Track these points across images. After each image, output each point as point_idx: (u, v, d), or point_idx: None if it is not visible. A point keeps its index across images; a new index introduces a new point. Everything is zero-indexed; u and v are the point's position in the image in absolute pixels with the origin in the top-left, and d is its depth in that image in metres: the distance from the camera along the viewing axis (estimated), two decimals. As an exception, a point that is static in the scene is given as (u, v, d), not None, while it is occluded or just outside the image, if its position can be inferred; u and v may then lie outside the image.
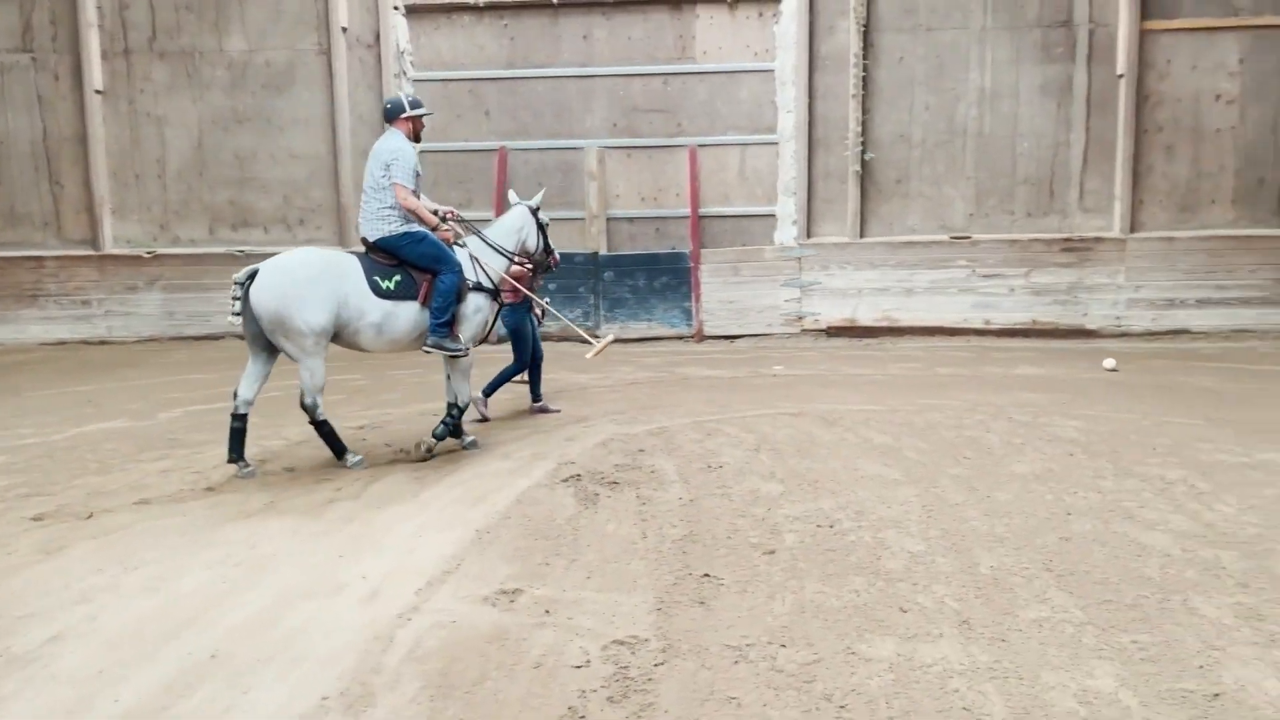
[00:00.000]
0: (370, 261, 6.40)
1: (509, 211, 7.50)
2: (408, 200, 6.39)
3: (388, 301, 6.29)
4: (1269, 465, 6.00)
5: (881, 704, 3.18)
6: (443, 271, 6.45)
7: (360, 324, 6.24)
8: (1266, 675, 3.32)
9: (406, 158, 6.41)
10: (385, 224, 6.41)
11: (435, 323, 6.42)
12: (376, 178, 6.41)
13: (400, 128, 6.58)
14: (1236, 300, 12.17)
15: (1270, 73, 12.23)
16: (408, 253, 6.43)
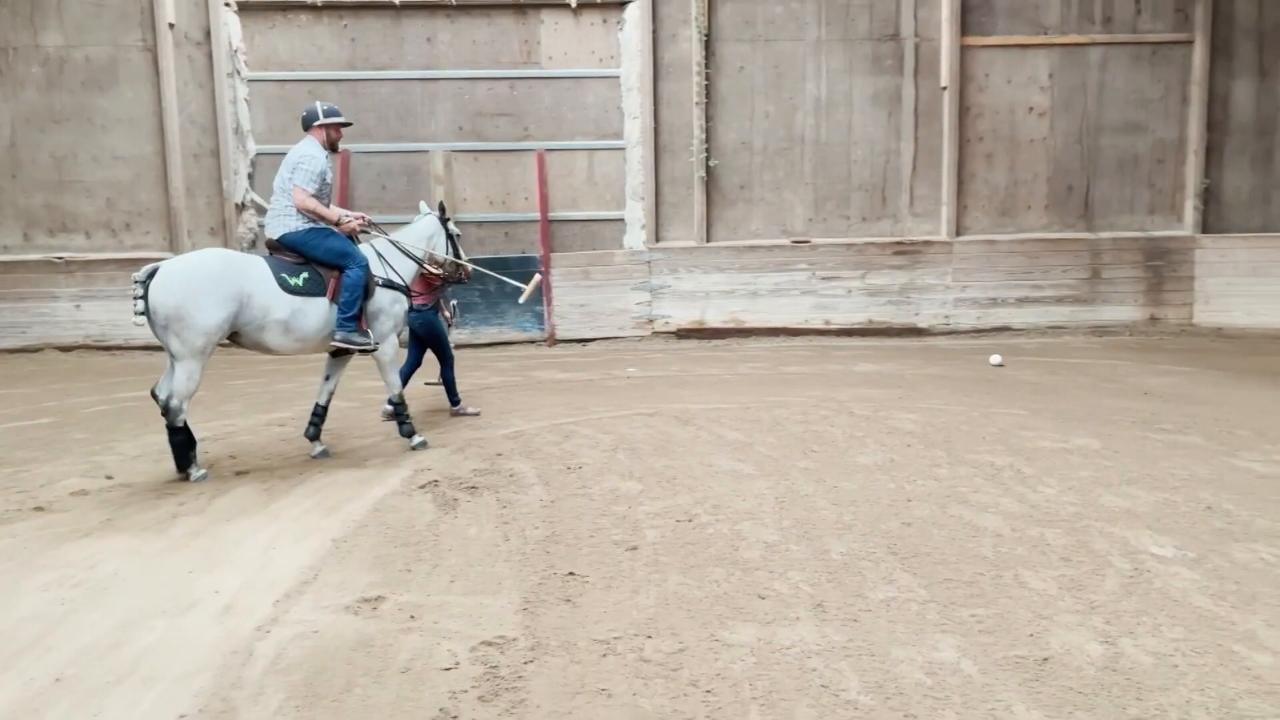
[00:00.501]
0: (277, 261, 6.43)
1: (420, 219, 7.61)
2: (305, 202, 6.45)
3: (296, 298, 6.31)
4: (1084, 449, 6.50)
5: (745, 686, 3.30)
6: (349, 266, 6.51)
7: (266, 321, 6.22)
8: (1088, 640, 3.62)
9: (313, 163, 6.51)
10: (290, 220, 6.49)
11: (343, 317, 6.46)
12: (284, 179, 6.52)
13: (315, 135, 6.71)
14: (1051, 299, 13.07)
15: (1077, 87, 13.21)
16: (313, 249, 6.49)
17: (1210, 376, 9.46)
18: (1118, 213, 13.36)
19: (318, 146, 6.65)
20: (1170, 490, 5.49)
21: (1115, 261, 13.09)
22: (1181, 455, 6.29)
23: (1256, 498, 5.32)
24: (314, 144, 6.64)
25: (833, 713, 3.12)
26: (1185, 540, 4.65)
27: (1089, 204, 13.33)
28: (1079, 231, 13.30)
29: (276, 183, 6.57)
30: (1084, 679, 3.31)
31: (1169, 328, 12.96)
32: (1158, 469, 5.95)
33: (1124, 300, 13.08)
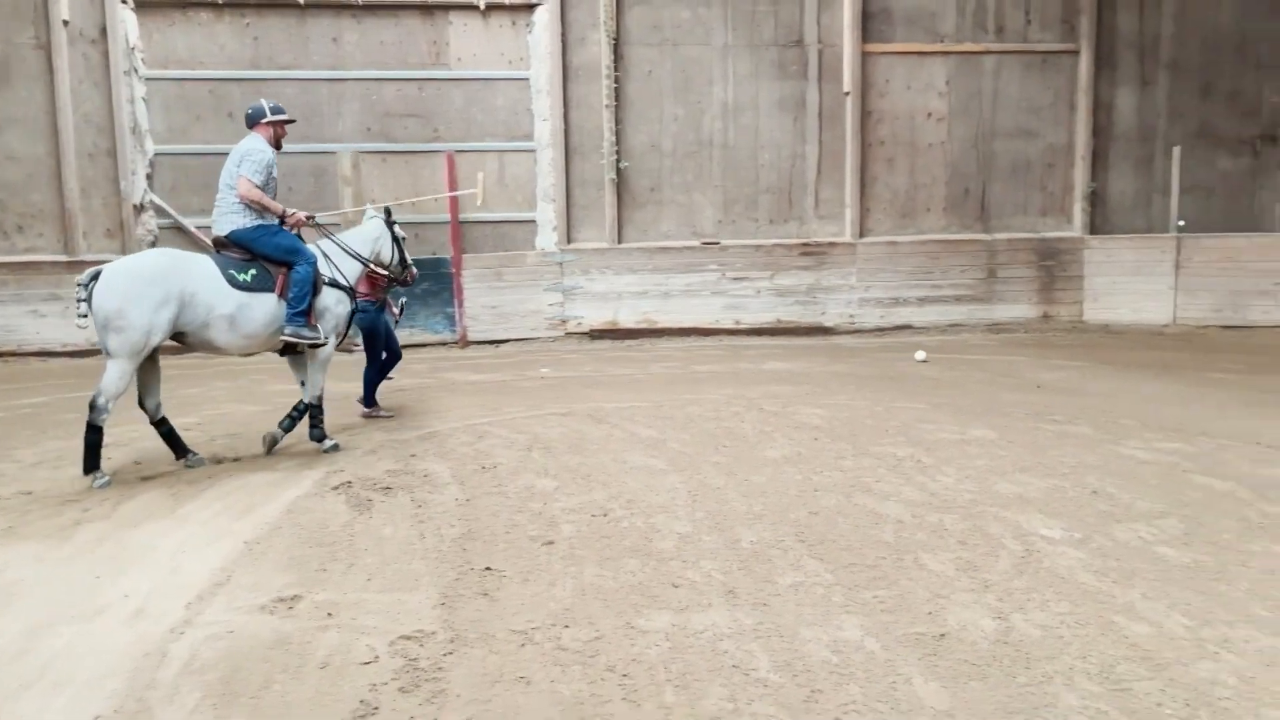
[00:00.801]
0: (224, 258, 6.50)
1: (366, 222, 7.74)
2: (250, 192, 6.46)
3: (243, 293, 6.38)
4: (980, 440, 6.79)
5: (660, 669, 3.42)
6: (297, 263, 6.60)
7: (212, 317, 6.28)
8: (982, 616, 3.82)
9: (260, 156, 6.56)
10: (237, 218, 6.54)
11: (292, 312, 6.54)
12: (230, 174, 6.55)
13: (261, 133, 6.76)
14: (950, 298, 13.53)
15: (972, 94, 13.71)
16: (261, 245, 6.56)
17: (1098, 370, 9.94)
18: (1012, 215, 13.90)
19: (264, 143, 6.70)
20: (1059, 477, 5.79)
21: (1010, 261, 13.62)
22: (1071, 444, 6.62)
23: (1138, 482, 5.64)
24: (260, 140, 6.70)
25: (743, 691, 3.25)
26: (1072, 523, 4.93)
27: (985, 206, 13.85)
28: (976, 233, 13.80)
29: (223, 179, 6.60)
30: (978, 652, 3.51)
31: (1061, 324, 13.54)
32: (1048, 457, 6.26)
33: (1018, 299, 13.62)
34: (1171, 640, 3.55)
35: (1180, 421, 7.23)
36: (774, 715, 3.08)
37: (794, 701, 3.17)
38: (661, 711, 3.12)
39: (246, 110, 6.87)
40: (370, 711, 3.14)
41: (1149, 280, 13.26)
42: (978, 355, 11.21)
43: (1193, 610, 3.81)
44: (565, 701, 3.20)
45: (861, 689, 3.24)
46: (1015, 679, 3.29)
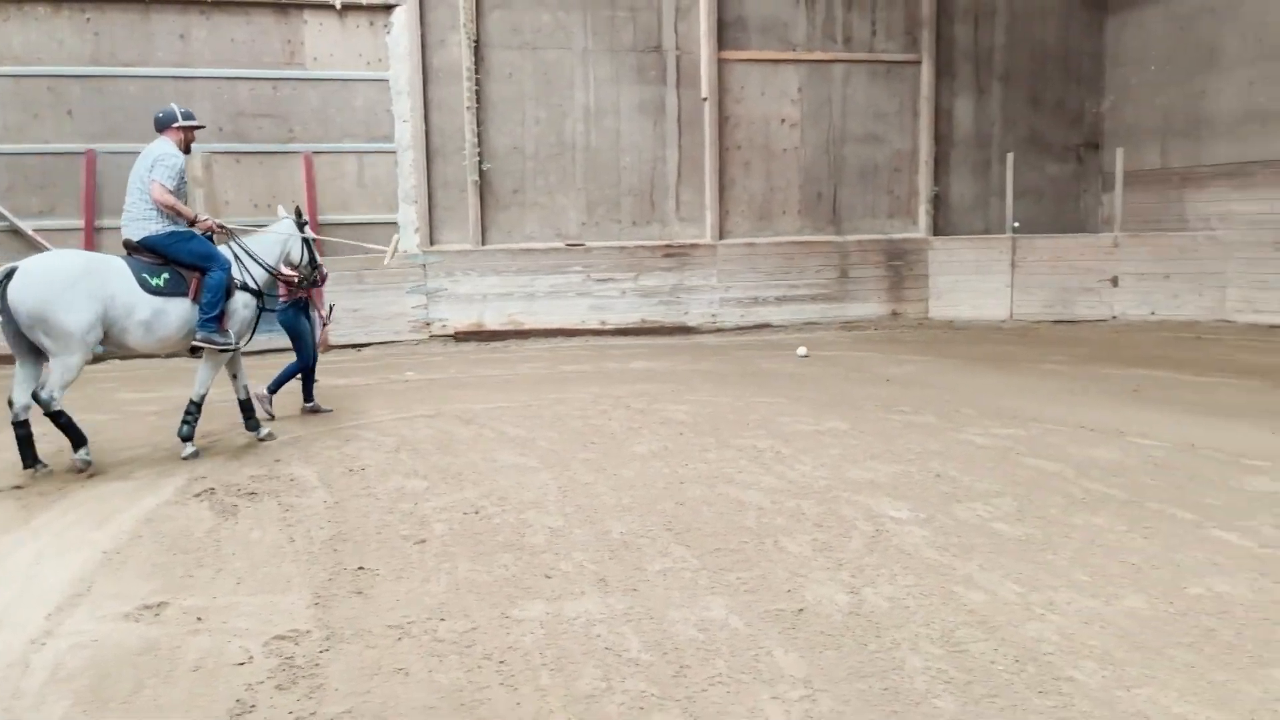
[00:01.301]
0: (136, 261, 6.53)
1: (275, 224, 7.84)
2: (164, 197, 6.51)
3: (158, 298, 6.48)
4: (834, 431, 7.15)
5: (536, 655, 3.54)
6: (211, 269, 6.69)
7: (129, 322, 6.38)
8: (837, 592, 4.09)
9: (172, 161, 6.61)
10: (150, 224, 6.59)
11: (205, 318, 6.65)
12: (143, 179, 6.59)
13: (171, 137, 6.82)
14: (806, 297, 14.07)
15: (823, 101, 14.28)
16: (175, 251, 6.62)
17: (942, 364, 10.53)
18: (861, 217, 14.55)
19: (174, 147, 6.74)
20: (906, 463, 6.17)
21: (861, 262, 14.26)
22: (916, 433, 7.04)
23: (976, 465, 6.07)
24: (170, 144, 6.74)
25: (616, 670, 3.40)
26: (918, 504, 5.28)
27: (837, 209, 14.45)
28: (828, 235, 14.38)
29: (133, 184, 6.62)
30: (833, 624, 3.76)
31: (908, 321, 14.25)
32: (896, 445, 6.65)
33: (869, 297, 14.27)
34: (1004, 605, 3.89)
35: (1015, 409, 7.77)
36: (645, 691, 3.24)
37: (664, 677, 3.34)
38: (538, 694, 3.24)
39: (156, 114, 6.90)
40: (247, 710, 3.16)
41: (988, 279, 14.09)
42: (832, 351, 11.69)
43: (1023, 578, 4.16)
44: (444, 690, 3.29)
45: (726, 662, 3.44)
46: (866, 647, 3.55)
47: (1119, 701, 3.11)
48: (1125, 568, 4.26)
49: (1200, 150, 13.53)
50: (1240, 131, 12.91)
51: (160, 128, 6.84)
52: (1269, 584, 4.03)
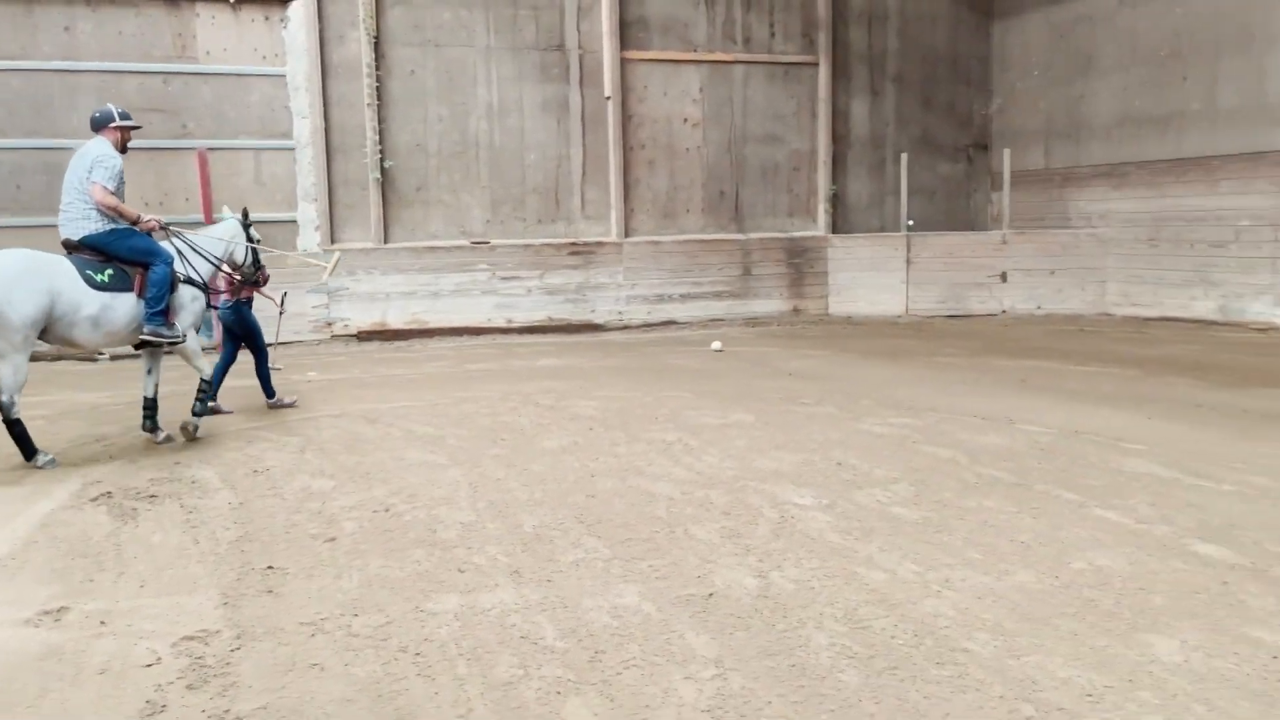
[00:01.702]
0: (79, 259, 6.56)
1: (220, 223, 7.97)
2: (106, 199, 6.53)
3: (104, 294, 6.54)
4: (740, 424, 7.31)
5: (452, 646, 3.57)
6: (154, 263, 6.74)
7: (76, 317, 6.42)
8: (745, 576, 4.21)
9: (111, 162, 6.63)
10: (89, 223, 6.60)
11: (151, 312, 6.71)
12: (81, 180, 6.59)
13: (108, 137, 6.82)
14: (710, 294, 14.28)
15: (724, 101, 14.52)
16: (116, 248, 6.65)
17: (842, 358, 10.83)
18: (763, 215, 14.84)
19: (111, 147, 6.75)
20: (809, 452, 6.36)
21: (763, 259, 14.54)
22: (818, 423, 7.25)
23: (875, 453, 6.29)
24: (107, 144, 6.75)
25: (532, 658, 3.46)
26: (821, 491, 5.45)
27: (739, 208, 14.70)
28: (731, 233, 14.63)
29: (71, 185, 6.62)
30: (742, 606, 3.88)
31: (809, 317, 14.58)
32: (799, 436, 6.84)
33: (771, 294, 14.56)
34: (903, 584, 4.06)
35: (911, 400, 8.06)
36: (562, 676, 3.31)
37: (580, 663, 3.41)
38: (456, 683, 3.28)
39: (93, 114, 6.93)
40: (158, 710, 3.12)
41: (884, 275, 14.51)
42: (736, 347, 11.90)
43: (920, 558, 4.36)
44: (361, 683, 3.30)
45: (640, 646, 3.53)
46: (774, 627, 3.68)
47: (1010, 669, 3.29)
48: (1015, 546, 4.49)
49: (1080, 152, 14.19)
50: (1116, 134, 13.58)
51: (97, 128, 6.86)
52: (1144, 557, 4.30)
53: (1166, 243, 12.79)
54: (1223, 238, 12.00)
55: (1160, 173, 12.87)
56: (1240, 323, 11.83)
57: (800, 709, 3.06)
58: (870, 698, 3.12)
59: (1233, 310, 11.96)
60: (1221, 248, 12.04)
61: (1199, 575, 4.07)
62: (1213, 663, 3.30)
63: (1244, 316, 11.81)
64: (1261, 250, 11.55)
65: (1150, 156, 13.04)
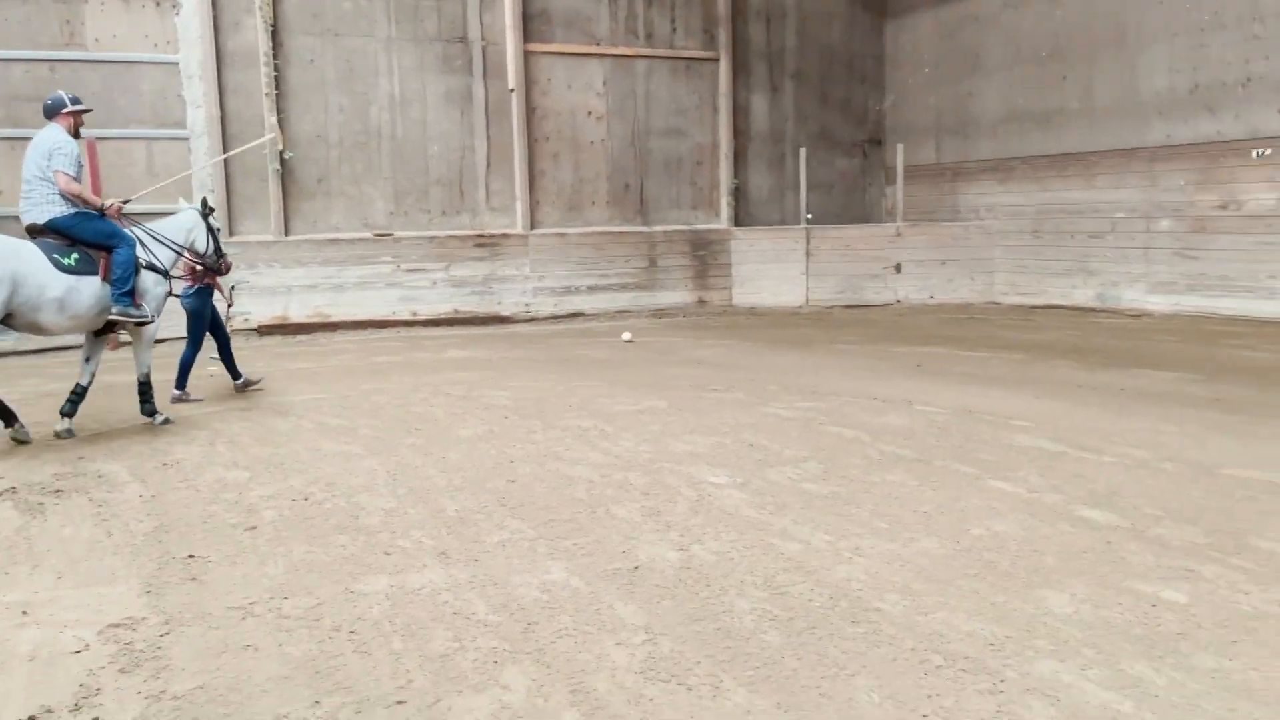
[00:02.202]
0: (45, 243, 6.68)
1: (180, 213, 8.07)
2: (70, 186, 6.69)
3: (70, 276, 6.66)
4: (653, 410, 7.48)
5: (385, 623, 3.63)
6: (118, 246, 6.85)
7: (42, 300, 6.55)
8: (668, 550, 4.37)
9: (70, 148, 6.76)
10: (54, 207, 6.73)
11: (118, 292, 6.83)
12: (41, 167, 6.70)
13: (61, 123, 6.90)
14: (617, 285, 14.44)
15: (627, 95, 14.68)
16: (80, 231, 6.78)
17: (747, 347, 11.11)
18: (668, 208, 15.06)
19: (65, 133, 6.85)
20: (721, 435, 6.56)
21: (668, 252, 14.76)
22: (728, 408, 7.47)
23: (783, 435, 6.53)
24: (61, 131, 6.85)
25: (466, 631, 3.55)
26: (735, 470, 5.65)
27: (644, 200, 14.89)
28: (637, 225, 14.81)
29: (31, 172, 6.73)
30: (666, 578, 4.04)
31: (714, 308, 14.87)
32: (711, 420, 7.04)
33: (677, 285, 14.79)
34: (817, 552, 4.28)
35: (815, 385, 8.35)
36: (497, 647, 3.41)
37: (514, 634, 3.52)
38: (392, 657, 3.35)
39: (45, 101, 6.99)
40: (93, 693, 3.11)
41: (785, 267, 14.89)
42: (644, 338, 12.08)
43: (832, 529, 4.58)
44: (296, 661, 3.34)
45: (571, 617, 3.65)
46: (699, 595, 3.85)
47: (919, 624, 3.52)
48: (918, 516, 4.76)
49: (969, 147, 14.80)
50: (1002, 131, 14.22)
51: (49, 115, 6.93)
52: (1036, 523, 4.61)
53: (1049, 234, 13.46)
54: (1100, 229, 12.70)
55: (1043, 168, 13.53)
56: (1116, 309, 12.54)
57: (728, 667, 3.23)
58: (792, 655, 3.31)
59: (1109, 297, 12.67)
60: (1099, 238, 12.74)
61: (1085, 537, 4.39)
62: (1099, 612, 3.59)
63: (1120, 303, 12.53)
64: (1135, 240, 12.26)
65: (1034, 152, 13.70)
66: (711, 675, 3.18)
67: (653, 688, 3.11)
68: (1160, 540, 4.32)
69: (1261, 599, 3.67)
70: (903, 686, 3.08)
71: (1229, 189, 11.14)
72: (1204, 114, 11.39)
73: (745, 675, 3.17)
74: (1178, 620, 3.51)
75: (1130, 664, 3.19)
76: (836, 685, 3.10)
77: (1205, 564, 4.02)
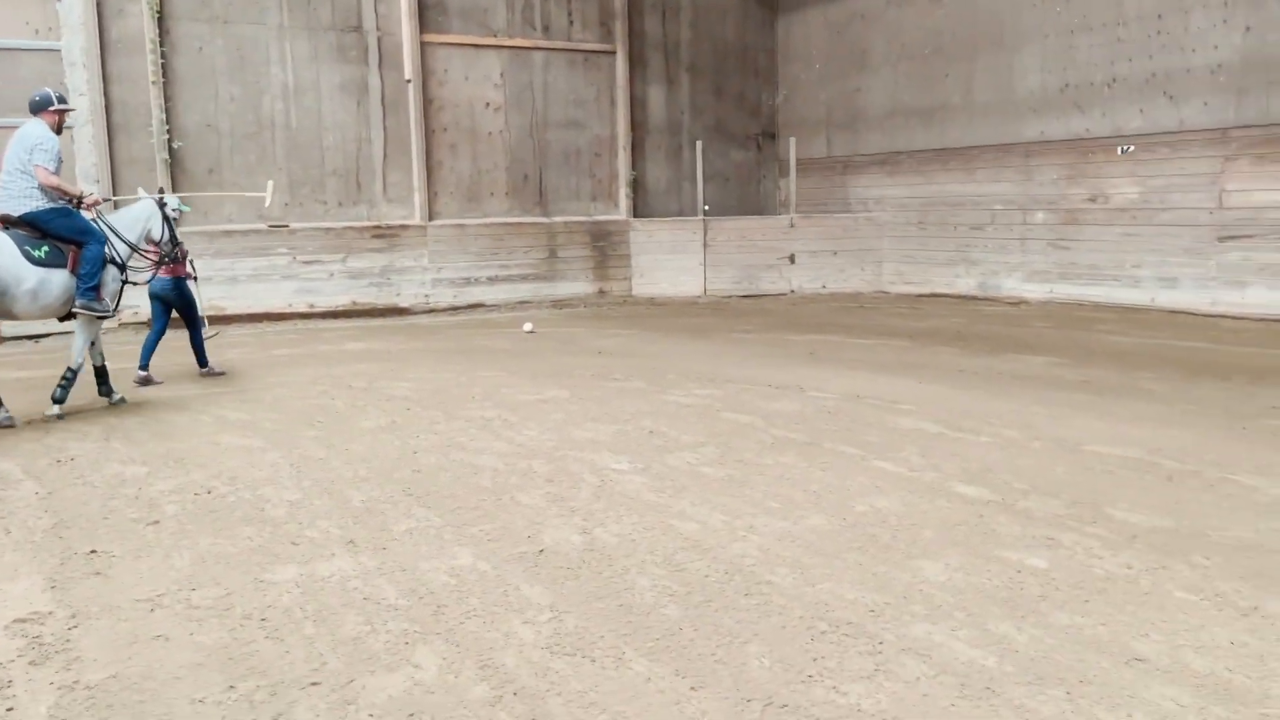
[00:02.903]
0: (17, 234, 6.98)
1: (137, 203, 8.24)
2: (50, 179, 6.97)
3: (42, 269, 7.01)
4: (555, 399, 7.64)
5: (297, 610, 3.72)
6: (89, 242, 7.18)
7: (17, 291, 6.93)
8: (572, 534, 4.55)
9: (51, 144, 7.04)
10: (32, 200, 7.01)
11: (85, 287, 7.16)
12: (22, 160, 6.97)
13: (45, 119, 7.18)
14: (517, 277, 14.53)
15: (525, 86, 14.74)
16: (54, 226, 7.09)
17: (647, 336, 11.34)
18: (567, 199, 15.19)
19: (48, 129, 7.12)
20: (622, 423, 6.76)
21: (568, 243, 14.90)
22: (629, 397, 7.68)
23: (682, 422, 6.76)
24: (44, 126, 7.12)
25: (377, 616, 3.67)
26: (635, 457, 5.86)
27: (543, 191, 15.00)
28: (536, 216, 14.91)
29: (12, 165, 6.99)
30: (571, 560, 4.21)
31: (614, 299, 15.08)
32: (612, 408, 7.24)
33: (577, 277, 14.95)
34: (714, 532, 4.51)
35: (712, 373, 8.62)
36: (407, 629, 3.54)
37: (424, 616, 3.65)
38: (305, 641, 3.45)
39: (31, 98, 7.27)
40: (4, 685, 3.14)
41: (683, 258, 15.18)
42: (545, 328, 12.20)
43: (728, 509, 4.82)
44: (209, 649, 3.41)
45: (479, 599, 3.81)
46: (601, 574, 4.04)
47: (807, 595, 3.78)
48: (807, 495, 5.04)
49: (858, 141, 15.31)
50: (888, 125, 14.76)
51: (35, 110, 7.20)
52: (915, 499, 4.93)
53: (933, 225, 14.06)
54: (980, 221, 13.33)
55: (927, 161, 14.11)
56: (996, 297, 13.19)
57: (629, 640, 3.43)
58: (690, 626, 3.53)
59: (990, 286, 13.32)
60: (980, 230, 13.36)
61: (960, 511, 4.73)
62: (970, 579, 3.90)
63: (999, 292, 13.18)
64: (1013, 232, 12.91)
65: (918, 146, 14.27)
66: (614, 648, 3.37)
67: (559, 661, 3.29)
68: (1026, 512, 4.68)
69: (1114, 563, 4.04)
70: (791, 651, 3.32)
71: (1096, 183, 11.83)
72: (1074, 112, 12.06)
73: (646, 646, 3.38)
74: (1039, 584, 3.85)
75: (996, 624, 3.50)
76: (730, 652, 3.32)
77: (1065, 533, 4.39)
